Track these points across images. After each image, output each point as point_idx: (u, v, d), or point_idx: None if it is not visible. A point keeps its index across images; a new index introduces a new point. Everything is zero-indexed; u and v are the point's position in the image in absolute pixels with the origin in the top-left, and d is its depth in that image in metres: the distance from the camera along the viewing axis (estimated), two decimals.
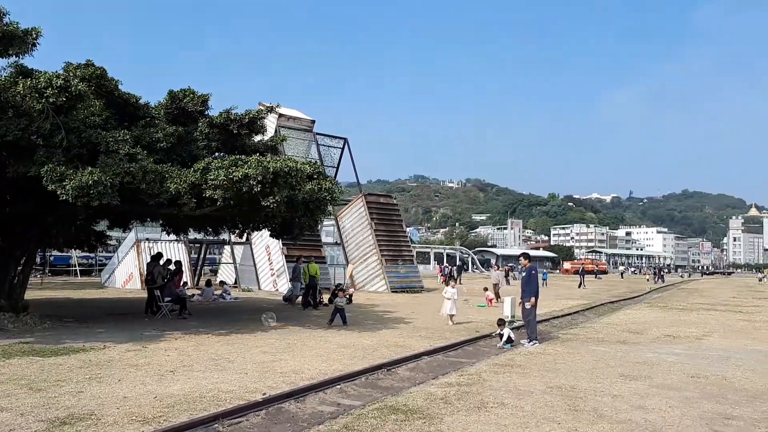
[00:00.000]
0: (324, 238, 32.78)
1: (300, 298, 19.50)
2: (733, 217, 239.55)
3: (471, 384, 7.91)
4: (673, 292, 37.29)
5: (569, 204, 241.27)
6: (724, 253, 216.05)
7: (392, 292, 26.98)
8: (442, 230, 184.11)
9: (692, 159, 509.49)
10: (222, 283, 26.71)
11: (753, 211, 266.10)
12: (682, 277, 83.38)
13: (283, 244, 24.80)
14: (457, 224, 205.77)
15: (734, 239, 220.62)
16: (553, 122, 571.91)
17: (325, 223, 33.26)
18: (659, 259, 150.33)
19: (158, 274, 15.96)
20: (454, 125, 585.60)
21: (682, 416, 6.49)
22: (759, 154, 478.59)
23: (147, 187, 11.55)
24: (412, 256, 32.71)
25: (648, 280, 52.20)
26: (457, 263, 61.01)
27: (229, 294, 21.65)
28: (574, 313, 20.11)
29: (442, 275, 38.81)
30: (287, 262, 24.57)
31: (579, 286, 37.58)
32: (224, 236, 25.31)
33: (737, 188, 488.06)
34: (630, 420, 6.26)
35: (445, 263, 64.33)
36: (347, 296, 20.81)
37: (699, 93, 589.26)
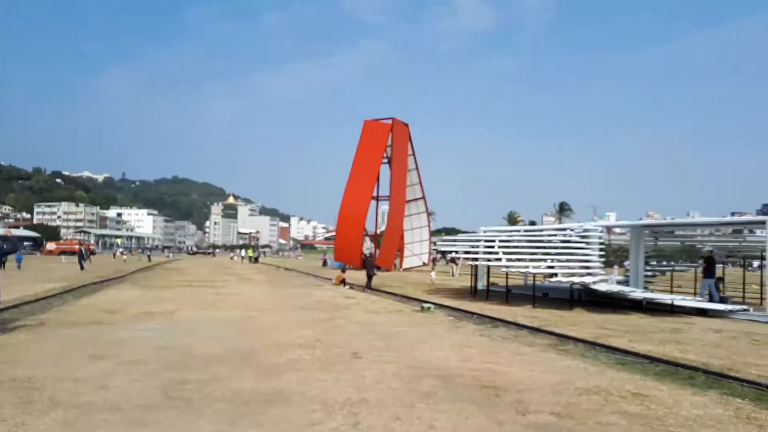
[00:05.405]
0: None
1: None
2: (215, 204, 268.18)
3: None
4: (158, 271, 38.90)
5: (57, 180, 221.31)
6: (207, 235, 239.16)
7: None
8: None
9: (182, 147, 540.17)
10: None
11: (231, 199, 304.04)
12: (168, 257, 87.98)
13: None
14: None
15: (215, 223, 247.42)
16: (43, 88, 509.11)
17: None
18: (148, 240, 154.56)
19: None
20: None
21: (142, 388, 6.75)
22: (239, 151, 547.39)
23: None
24: None
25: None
26: None
27: None
28: (51, 296, 18.55)
29: None
30: None
31: (81, 269, 35.03)
32: None
33: (219, 178, 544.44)
34: (89, 402, 6.11)
35: None
36: None
37: (187, 86, 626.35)
